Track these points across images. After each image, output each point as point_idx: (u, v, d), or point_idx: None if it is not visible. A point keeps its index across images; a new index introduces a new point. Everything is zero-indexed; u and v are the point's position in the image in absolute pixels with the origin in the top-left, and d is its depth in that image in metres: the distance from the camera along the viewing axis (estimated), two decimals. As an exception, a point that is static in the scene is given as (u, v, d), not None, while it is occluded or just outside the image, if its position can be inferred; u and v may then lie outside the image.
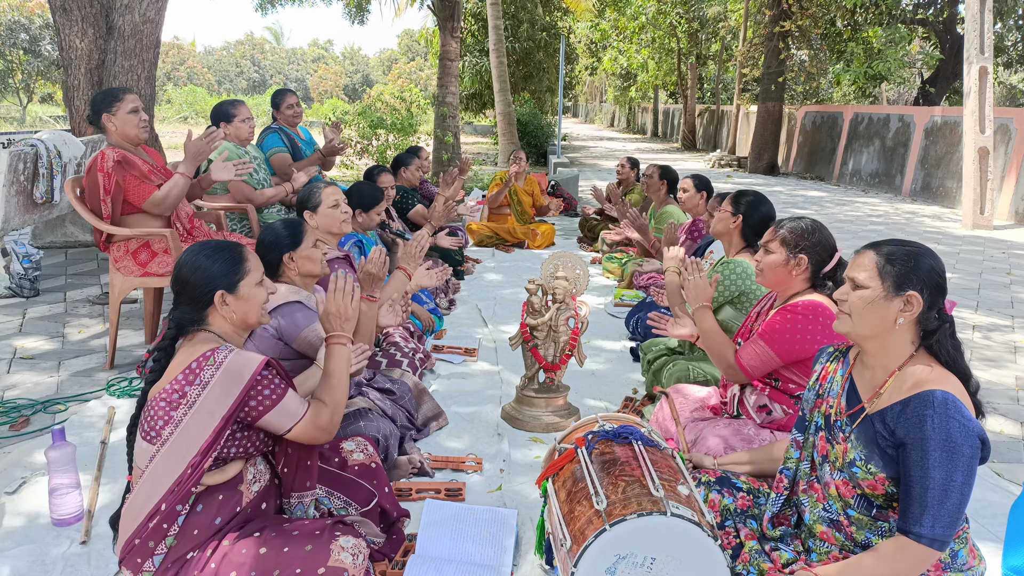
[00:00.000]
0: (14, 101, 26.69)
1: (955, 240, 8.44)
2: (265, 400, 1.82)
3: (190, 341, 1.89)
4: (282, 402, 1.84)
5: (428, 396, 3.20)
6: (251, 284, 1.96)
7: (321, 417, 1.91)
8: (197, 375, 1.78)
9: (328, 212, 3.12)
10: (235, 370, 1.79)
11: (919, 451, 1.59)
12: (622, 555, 1.71)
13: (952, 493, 1.56)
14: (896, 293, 1.71)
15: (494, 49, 14.27)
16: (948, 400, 1.60)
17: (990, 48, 9.30)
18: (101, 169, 3.47)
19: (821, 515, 1.85)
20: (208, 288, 1.90)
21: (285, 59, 72.88)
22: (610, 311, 5.03)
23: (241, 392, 1.78)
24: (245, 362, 1.81)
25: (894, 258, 1.72)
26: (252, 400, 1.80)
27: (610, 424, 2.13)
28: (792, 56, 16.28)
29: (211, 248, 1.95)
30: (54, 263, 5.78)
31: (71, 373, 3.69)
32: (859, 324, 1.76)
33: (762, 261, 2.51)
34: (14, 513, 2.41)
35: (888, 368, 1.76)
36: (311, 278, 2.69)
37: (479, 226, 7.19)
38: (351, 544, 1.79)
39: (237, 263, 1.95)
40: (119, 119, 3.56)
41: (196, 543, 1.78)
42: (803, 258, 2.43)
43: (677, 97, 27.89)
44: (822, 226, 2.50)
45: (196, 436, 1.75)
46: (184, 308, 1.92)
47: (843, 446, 1.79)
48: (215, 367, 1.78)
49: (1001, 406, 3.72)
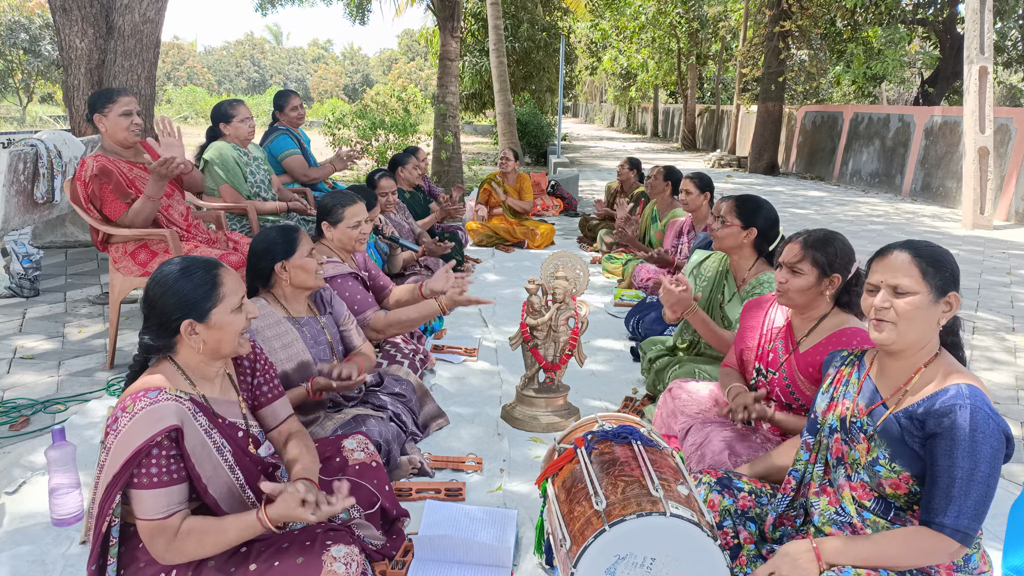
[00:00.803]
0: (14, 101, 26.70)
1: (955, 240, 8.44)
2: (144, 476, 1.62)
3: (152, 369, 1.78)
4: (156, 490, 1.63)
5: (430, 397, 3.20)
6: (225, 312, 1.78)
7: (161, 542, 1.64)
8: (117, 420, 1.64)
9: (347, 231, 3.13)
10: (136, 428, 1.61)
11: (948, 440, 1.61)
12: (622, 555, 1.71)
13: (977, 484, 1.58)
14: (939, 296, 1.71)
15: (494, 49, 14.27)
16: (977, 393, 1.63)
17: (990, 48, 9.30)
18: (79, 178, 3.46)
19: (832, 518, 1.84)
20: (175, 315, 1.74)
21: (285, 59, 72.88)
22: (610, 311, 5.03)
23: (130, 455, 1.60)
24: (149, 423, 1.62)
25: (934, 261, 1.72)
26: (138, 468, 1.62)
27: (609, 424, 2.13)
28: (792, 56, 16.29)
29: (183, 268, 1.78)
30: (54, 263, 5.78)
31: (71, 373, 3.69)
32: (906, 331, 1.71)
33: (788, 283, 2.31)
34: (14, 513, 2.40)
35: (914, 365, 1.76)
36: (302, 290, 2.63)
37: (479, 226, 7.20)
38: (343, 553, 1.73)
39: (210, 288, 1.76)
40: (110, 120, 3.53)
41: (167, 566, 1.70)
42: (837, 277, 2.29)
43: (677, 97, 27.88)
44: (841, 236, 2.37)
45: (103, 487, 1.64)
46: (150, 334, 1.77)
47: (865, 445, 1.79)
48: (129, 417, 1.62)
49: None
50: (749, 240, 3.05)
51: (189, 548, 1.65)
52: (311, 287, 2.63)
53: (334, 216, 3.13)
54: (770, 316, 2.55)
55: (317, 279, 2.62)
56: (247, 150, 4.56)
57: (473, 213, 7.51)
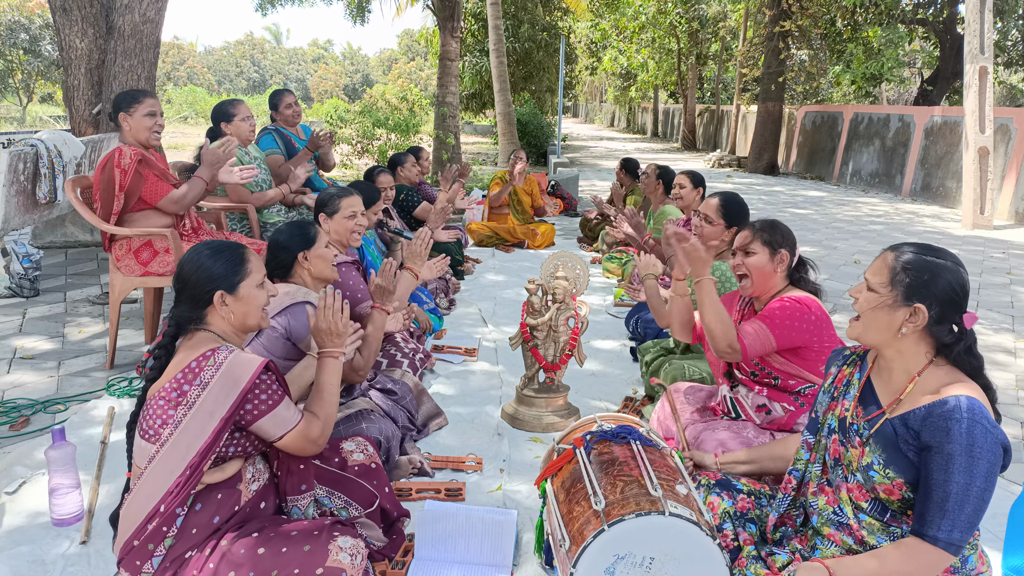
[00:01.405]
0: (14, 101, 26.71)
1: (955, 240, 8.44)
2: (261, 404, 1.81)
3: (189, 340, 1.89)
4: (277, 408, 1.84)
5: (428, 396, 3.20)
6: (251, 286, 1.96)
7: (312, 429, 1.92)
8: (197, 375, 1.77)
9: (343, 221, 3.14)
10: (235, 371, 1.78)
11: (943, 455, 1.58)
12: (621, 555, 1.71)
13: (971, 498, 1.56)
14: (904, 303, 1.70)
15: (494, 49, 14.27)
16: (975, 405, 1.60)
17: (990, 48, 9.30)
18: (118, 165, 3.51)
19: (830, 518, 1.84)
20: (208, 287, 1.90)
21: (285, 59, 72.91)
22: (610, 311, 5.03)
23: (240, 393, 1.77)
24: (245, 363, 1.81)
25: (910, 267, 1.71)
26: (249, 403, 1.80)
27: (608, 424, 2.13)
28: (792, 56, 16.29)
29: (213, 248, 1.95)
30: (54, 263, 5.78)
31: (71, 373, 3.69)
32: (866, 329, 1.76)
33: (745, 263, 2.53)
34: (14, 513, 2.41)
35: (909, 372, 1.74)
36: (322, 280, 2.69)
37: (479, 226, 7.20)
38: (349, 544, 1.79)
39: (238, 264, 1.95)
40: (135, 120, 3.60)
41: (194, 542, 1.78)
42: (784, 253, 2.49)
43: (677, 97, 27.90)
44: (780, 221, 2.61)
45: (195, 437, 1.75)
46: (184, 307, 1.92)
47: (859, 450, 1.78)
48: (215, 367, 1.78)
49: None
50: (728, 239, 3.22)
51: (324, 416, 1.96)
52: (328, 278, 2.71)
53: (331, 207, 3.15)
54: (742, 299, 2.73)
55: (333, 271, 2.72)
56: (247, 150, 4.56)
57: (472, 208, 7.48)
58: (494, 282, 5.80)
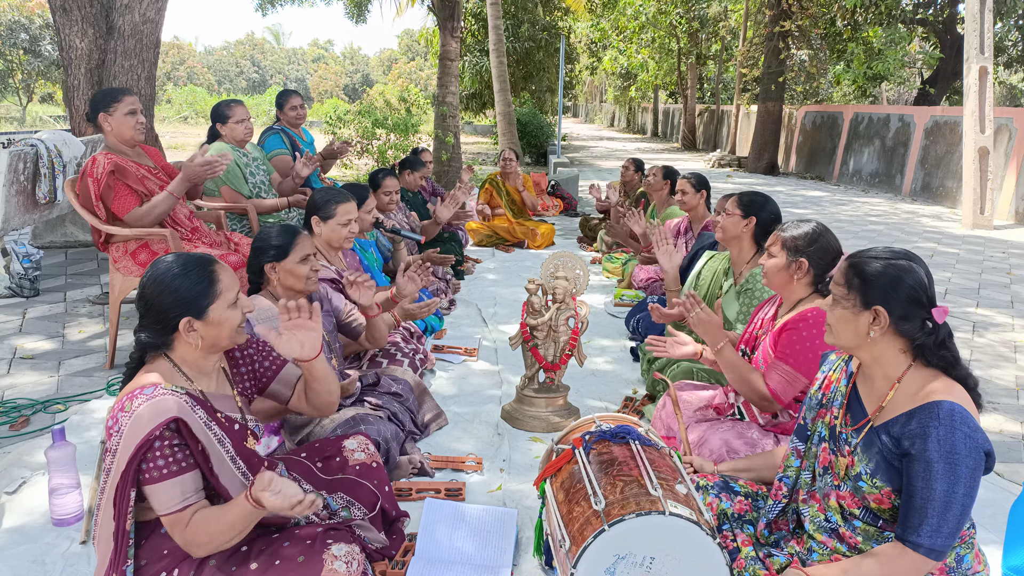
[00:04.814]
0: (14, 101, 26.72)
1: (955, 240, 8.43)
2: (154, 471, 1.62)
3: (147, 367, 1.77)
4: (164, 483, 1.62)
5: (428, 396, 3.20)
6: (222, 308, 1.77)
7: (179, 534, 1.65)
8: (118, 421, 1.63)
9: (336, 228, 3.12)
10: (136, 427, 1.60)
11: (923, 462, 1.57)
12: (621, 555, 1.71)
13: (954, 505, 1.55)
14: (864, 308, 1.70)
15: (494, 49, 14.26)
16: (955, 411, 1.58)
17: (990, 48, 9.30)
18: (91, 175, 3.46)
19: (822, 525, 1.84)
20: (173, 313, 1.72)
21: (285, 59, 72.93)
22: (610, 311, 5.03)
23: (135, 449, 1.59)
24: (147, 420, 1.60)
25: (862, 271, 1.72)
26: (145, 462, 1.62)
27: (607, 424, 2.13)
28: (792, 56, 16.28)
29: (180, 266, 1.76)
30: (54, 263, 5.78)
31: (71, 373, 3.69)
32: (838, 335, 1.78)
33: (765, 265, 2.49)
34: (14, 513, 2.41)
35: (889, 378, 1.73)
36: (293, 293, 2.60)
37: (479, 226, 7.20)
38: (344, 552, 1.74)
39: (207, 285, 1.75)
40: (115, 120, 3.53)
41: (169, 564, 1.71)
42: (803, 262, 2.39)
43: (677, 97, 27.88)
44: (827, 230, 2.46)
45: (112, 493, 1.63)
46: (147, 332, 1.76)
47: (848, 459, 1.77)
48: (128, 415, 1.61)
49: (1001, 405, 3.72)
50: (749, 230, 3.08)
51: (200, 537, 1.65)
52: (300, 291, 2.60)
53: (326, 211, 3.12)
54: (764, 309, 2.67)
55: (308, 284, 2.59)
56: (246, 151, 4.56)
57: (477, 214, 7.52)
58: (494, 282, 5.80)
